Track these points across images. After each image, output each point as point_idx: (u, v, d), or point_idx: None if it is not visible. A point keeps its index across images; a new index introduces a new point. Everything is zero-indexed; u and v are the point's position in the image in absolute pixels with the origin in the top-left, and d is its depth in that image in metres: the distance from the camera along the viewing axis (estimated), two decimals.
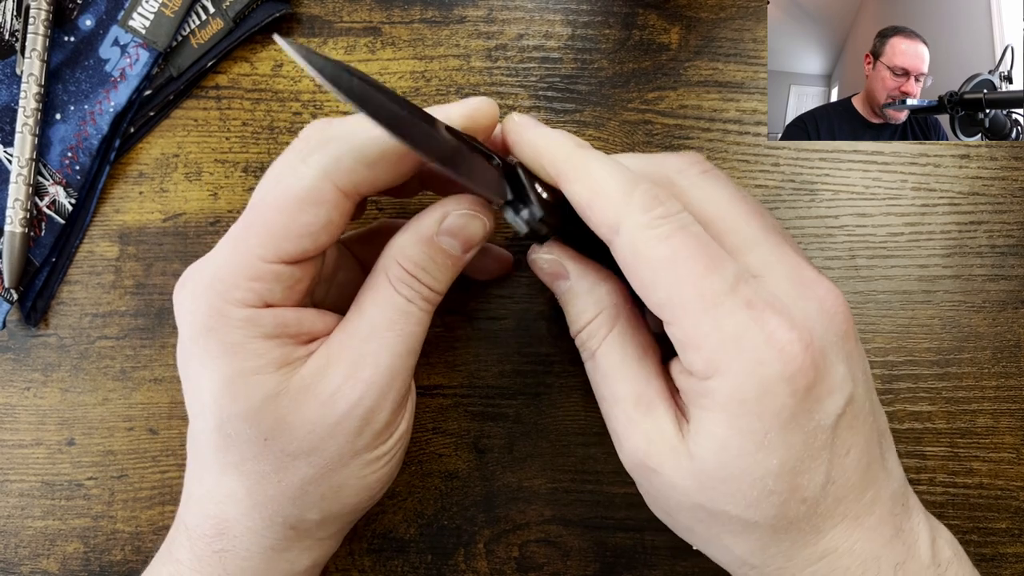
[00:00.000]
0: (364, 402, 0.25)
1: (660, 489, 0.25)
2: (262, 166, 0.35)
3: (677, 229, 0.23)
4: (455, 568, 0.34)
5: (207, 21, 0.35)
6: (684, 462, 0.24)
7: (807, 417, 0.23)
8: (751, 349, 0.22)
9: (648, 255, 0.23)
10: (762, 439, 0.23)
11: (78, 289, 0.35)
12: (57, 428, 0.35)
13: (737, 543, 0.25)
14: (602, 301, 0.27)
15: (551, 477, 0.34)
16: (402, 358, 0.26)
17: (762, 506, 0.23)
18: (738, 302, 0.23)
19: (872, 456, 0.24)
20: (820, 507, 0.23)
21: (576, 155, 0.25)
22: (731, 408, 0.23)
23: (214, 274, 0.25)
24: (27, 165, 0.34)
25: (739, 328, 0.22)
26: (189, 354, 0.25)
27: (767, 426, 0.22)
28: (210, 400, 0.25)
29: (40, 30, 0.34)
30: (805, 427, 0.23)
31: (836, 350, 0.23)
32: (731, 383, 0.23)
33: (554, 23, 0.35)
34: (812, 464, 0.23)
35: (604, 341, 0.26)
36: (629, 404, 0.25)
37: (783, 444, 0.23)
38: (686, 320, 0.23)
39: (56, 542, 0.35)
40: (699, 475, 0.24)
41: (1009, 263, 0.34)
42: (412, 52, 0.35)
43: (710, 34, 0.35)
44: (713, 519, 0.24)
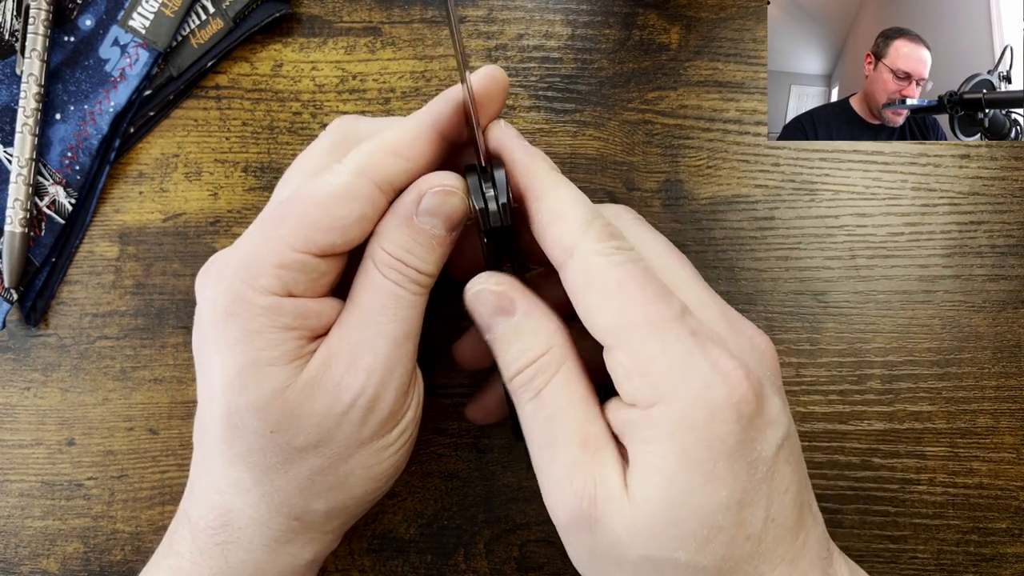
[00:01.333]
0: (367, 391, 0.25)
1: (599, 543, 0.24)
2: (262, 166, 0.35)
3: (629, 260, 0.24)
4: (455, 568, 0.34)
5: (207, 21, 0.35)
6: (628, 510, 0.23)
7: (750, 446, 0.22)
8: (698, 375, 0.22)
9: (601, 278, 0.23)
10: (711, 469, 0.22)
11: (78, 289, 0.35)
12: (57, 428, 0.35)
13: None
14: (552, 337, 0.25)
15: None
16: (399, 343, 0.26)
17: (711, 546, 0.22)
18: (684, 330, 0.23)
19: (804, 498, 0.24)
20: (762, 546, 0.23)
21: (550, 176, 0.25)
22: (678, 436, 0.22)
23: (241, 260, 0.25)
24: (27, 165, 0.34)
25: (686, 354, 0.23)
26: (205, 339, 0.25)
27: (715, 455, 0.22)
28: (220, 388, 0.25)
29: (40, 30, 0.34)
30: (748, 457, 0.22)
31: (770, 384, 0.24)
32: (678, 408, 0.22)
33: (554, 23, 0.35)
34: (755, 497, 0.23)
35: (553, 378, 0.25)
36: (575, 446, 0.24)
37: (730, 474, 0.22)
38: (633, 343, 0.23)
39: (56, 542, 0.35)
40: (646, 520, 0.23)
41: (1009, 263, 0.34)
42: (412, 52, 0.35)
43: (710, 34, 0.35)
44: (658, 571, 0.23)
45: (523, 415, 0.26)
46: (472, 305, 0.27)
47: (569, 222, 0.24)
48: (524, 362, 0.25)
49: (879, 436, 0.34)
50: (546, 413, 0.25)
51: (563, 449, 0.24)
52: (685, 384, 0.22)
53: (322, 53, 0.35)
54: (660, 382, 0.23)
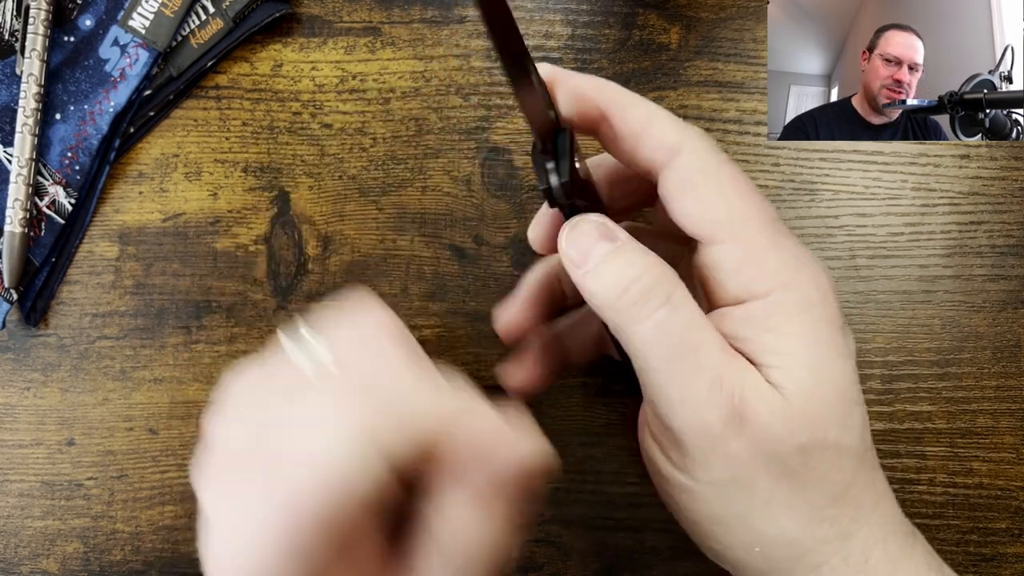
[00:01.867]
0: None
1: (749, 444, 0.23)
2: (262, 166, 0.35)
3: (728, 160, 0.24)
4: None
5: (207, 21, 0.35)
6: (779, 401, 0.23)
7: (846, 326, 0.24)
8: (807, 263, 0.24)
9: (716, 171, 0.24)
10: (837, 344, 0.23)
11: (78, 289, 0.35)
12: (57, 428, 0.35)
13: (823, 491, 0.23)
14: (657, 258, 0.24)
15: (551, 477, 0.34)
16: None
17: (851, 422, 0.23)
18: (785, 227, 0.24)
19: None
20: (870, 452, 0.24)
21: (626, 91, 0.25)
22: (803, 317, 0.23)
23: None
24: (27, 165, 0.34)
25: (794, 247, 0.24)
26: None
27: (834, 330, 0.23)
28: None
29: (40, 30, 0.34)
30: (849, 335, 0.24)
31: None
32: (798, 291, 0.23)
33: (554, 23, 0.35)
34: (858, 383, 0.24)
35: (678, 285, 0.23)
36: (718, 350, 0.23)
37: (847, 349, 0.24)
38: (751, 237, 0.24)
39: (56, 542, 0.35)
40: (799, 405, 0.23)
41: (1009, 263, 0.34)
42: (412, 52, 0.35)
43: (710, 34, 0.35)
44: (805, 464, 0.23)
45: (646, 334, 0.23)
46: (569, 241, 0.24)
47: (668, 122, 0.24)
48: (638, 271, 0.23)
49: (879, 436, 0.34)
50: (683, 319, 0.23)
51: (708, 355, 0.23)
52: (798, 271, 0.23)
53: (322, 53, 0.35)
54: (779, 269, 0.23)
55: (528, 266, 0.35)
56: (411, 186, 0.35)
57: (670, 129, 0.24)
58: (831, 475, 0.23)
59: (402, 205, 0.35)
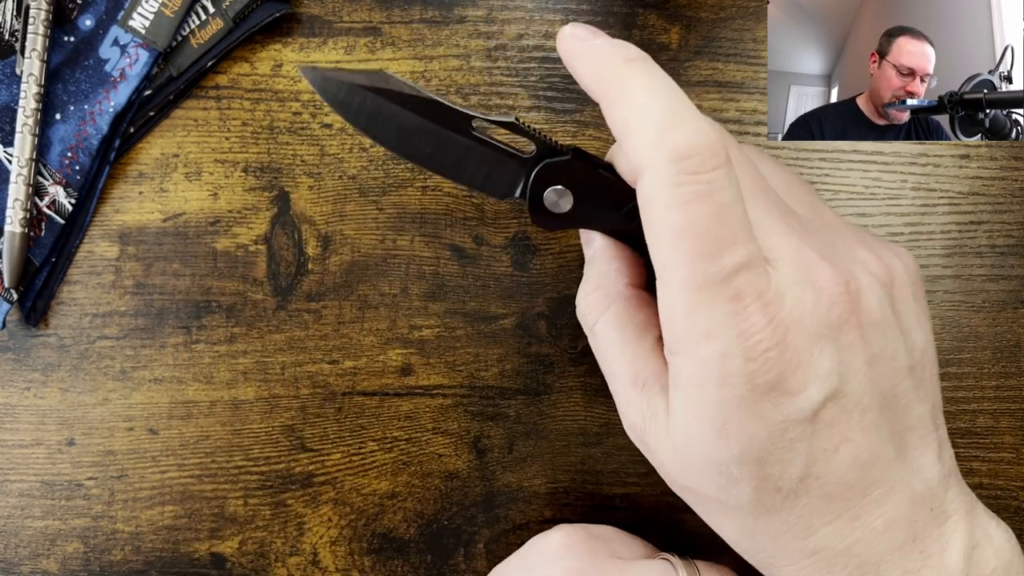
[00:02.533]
0: None
1: (656, 465, 0.26)
2: (262, 166, 0.35)
3: (700, 195, 0.21)
4: (455, 568, 0.34)
5: (207, 21, 0.35)
6: (667, 441, 0.24)
7: (772, 410, 0.22)
8: (718, 340, 0.22)
9: (660, 215, 0.22)
10: (721, 427, 0.22)
11: (78, 289, 0.35)
12: (57, 428, 0.35)
13: (725, 524, 0.25)
14: (607, 278, 0.27)
15: (551, 477, 0.34)
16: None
17: (733, 491, 0.23)
18: (725, 293, 0.21)
19: (879, 454, 0.23)
20: (801, 501, 0.23)
21: (620, 73, 0.23)
22: (690, 391, 0.23)
23: None
24: (27, 165, 0.34)
25: (713, 319, 0.22)
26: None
27: (726, 415, 0.22)
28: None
29: (40, 30, 0.34)
30: (770, 420, 0.22)
31: (824, 343, 0.22)
32: (692, 366, 0.22)
33: (554, 23, 0.35)
34: (784, 456, 0.22)
35: (601, 317, 0.26)
36: (627, 381, 0.25)
37: (744, 434, 0.22)
38: (669, 292, 0.22)
39: (56, 542, 0.35)
40: (677, 454, 0.24)
41: (1009, 263, 0.34)
42: (412, 52, 0.35)
43: (710, 34, 0.35)
44: (698, 498, 0.25)
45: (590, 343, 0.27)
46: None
47: (642, 132, 0.22)
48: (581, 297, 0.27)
49: None
50: (599, 351, 0.27)
51: (618, 382, 0.26)
52: (702, 347, 0.22)
53: (322, 53, 0.35)
54: (682, 337, 0.22)
55: (527, 266, 0.35)
56: (411, 186, 0.35)
57: (640, 145, 0.22)
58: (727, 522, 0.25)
59: (402, 205, 0.35)
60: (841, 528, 0.23)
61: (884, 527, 0.23)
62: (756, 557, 0.25)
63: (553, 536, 0.31)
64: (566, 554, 0.30)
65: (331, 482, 0.35)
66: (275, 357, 0.35)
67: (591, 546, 0.30)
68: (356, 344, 0.35)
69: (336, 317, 0.35)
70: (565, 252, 0.35)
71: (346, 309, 0.35)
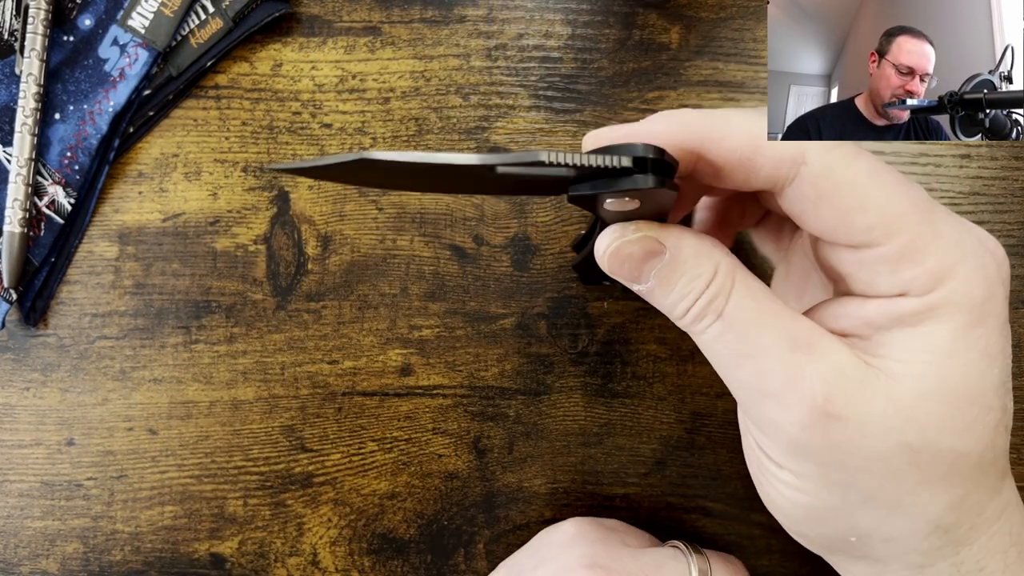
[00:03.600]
0: None
1: (843, 442, 0.21)
2: (262, 166, 0.35)
3: (864, 154, 0.22)
4: (455, 568, 0.34)
5: (206, 21, 0.35)
6: (883, 392, 0.21)
7: (1008, 326, 0.22)
8: (974, 253, 0.21)
9: (853, 176, 0.21)
10: (985, 346, 0.21)
11: (77, 289, 0.35)
12: (57, 428, 0.35)
13: (936, 496, 0.22)
14: (714, 255, 0.23)
15: (551, 477, 0.34)
16: None
17: (977, 430, 0.21)
18: (946, 211, 0.22)
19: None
20: (1005, 444, 0.22)
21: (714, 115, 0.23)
22: (958, 314, 0.21)
23: None
24: (26, 165, 0.34)
25: (958, 234, 0.22)
26: None
27: (990, 330, 0.21)
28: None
29: (39, 30, 0.34)
30: (1008, 337, 0.22)
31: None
32: (962, 288, 0.21)
33: (554, 22, 0.35)
34: (1010, 384, 0.22)
35: (733, 293, 0.22)
36: (784, 350, 0.22)
37: (1001, 352, 0.22)
38: (904, 233, 0.21)
39: (56, 542, 0.35)
40: (911, 399, 0.21)
41: (1010, 263, 0.34)
42: (412, 52, 0.35)
43: (710, 34, 0.35)
44: (913, 465, 0.21)
45: (708, 345, 0.23)
46: (614, 266, 0.23)
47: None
48: (695, 292, 0.23)
49: None
50: (736, 330, 0.22)
51: (771, 358, 0.22)
52: (964, 263, 0.21)
53: (322, 53, 0.35)
54: (940, 263, 0.21)
55: (527, 266, 0.35)
56: None
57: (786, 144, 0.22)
58: (945, 480, 0.22)
59: (402, 205, 0.35)
60: (1010, 488, 0.24)
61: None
62: (953, 535, 0.22)
63: (564, 526, 0.31)
64: (579, 541, 0.29)
65: (331, 482, 0.35)
66: (275, 357, 0.35)
67: (602, 535, 0.30)
68: (356, 344, 0.35)
69: (336, 317, 0.35)
70: (565, 252, 0.35)
71: (346, 309, 0.35)
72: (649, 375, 0.34)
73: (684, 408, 0.34)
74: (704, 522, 0.34)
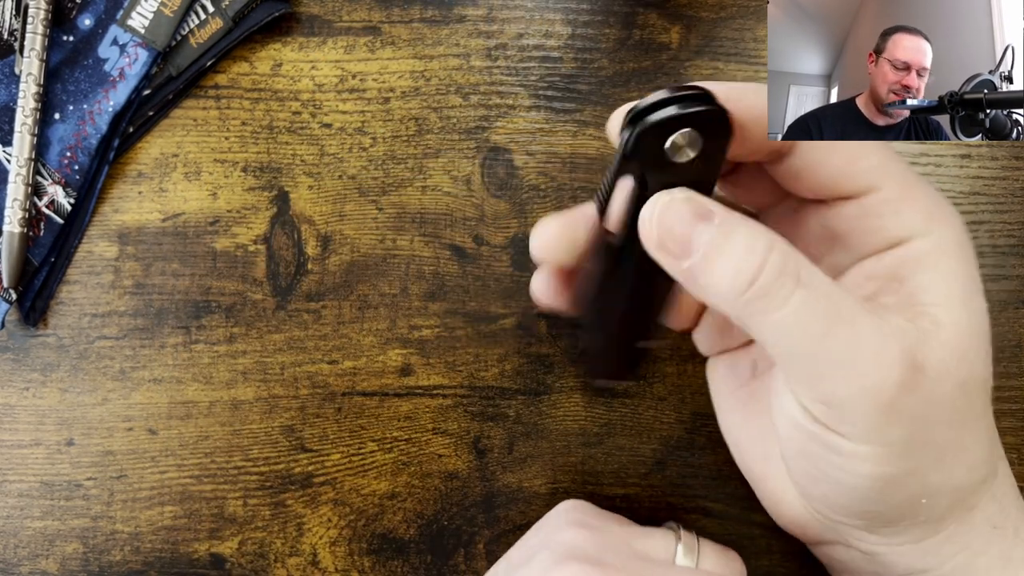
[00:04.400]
0: None
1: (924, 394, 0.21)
2: (261, 166, 0.35)
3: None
4: (455, 569, 0.34)
5: (206, 20, 0.35)
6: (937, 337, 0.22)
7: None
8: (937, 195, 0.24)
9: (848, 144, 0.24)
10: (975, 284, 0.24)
11: (77, 289, 0.35)
12: (56, 428, 0.35)
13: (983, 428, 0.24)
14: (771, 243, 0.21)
15: (551, 478, 0.34)
16: None
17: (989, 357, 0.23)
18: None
19: None
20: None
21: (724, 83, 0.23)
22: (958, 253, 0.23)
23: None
24: (26, 165, 0.34)
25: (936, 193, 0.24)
26: None
27: (974, 271, 0.24)
28: None
29: (39, 29, 0.33)
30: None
31: None
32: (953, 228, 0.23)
33: (554, 22, 0.35)
34: None
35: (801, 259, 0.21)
36: (867, 312, 0.21)
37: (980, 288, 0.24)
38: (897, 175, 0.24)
39: (55, 542, 0.35)
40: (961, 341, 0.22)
41: (1010, 263, 0.34)
42: (412, 51, 0.35)
43: (710, 34, 0.35)
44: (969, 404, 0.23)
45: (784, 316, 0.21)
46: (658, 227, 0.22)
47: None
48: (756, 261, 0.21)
49: None
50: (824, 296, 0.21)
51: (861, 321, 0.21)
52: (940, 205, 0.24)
53: (321, 52, 0.35)
54: (932, 207, 0.24)
55: (527, 266, 0.35)
56: (411, 186, 0.35)
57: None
58: (985, 408, 0.24)
59: (402, 205, 0.35)
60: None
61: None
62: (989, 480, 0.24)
63: (559, 504, 0.31)
64: (572, 510, 0.30)
65: (331, 482, 0.35)
66: (274, 357, 0.35)
67: (597, 512, 0.30)
68: (356, 344, 0.35)
69: (336, 317, 0.35)
70: None
71: (346, 309, 0.35)
72: (649, 375, 0.34)
73: (684, 408, 0.34)
74: (704, 522, 0.34)
